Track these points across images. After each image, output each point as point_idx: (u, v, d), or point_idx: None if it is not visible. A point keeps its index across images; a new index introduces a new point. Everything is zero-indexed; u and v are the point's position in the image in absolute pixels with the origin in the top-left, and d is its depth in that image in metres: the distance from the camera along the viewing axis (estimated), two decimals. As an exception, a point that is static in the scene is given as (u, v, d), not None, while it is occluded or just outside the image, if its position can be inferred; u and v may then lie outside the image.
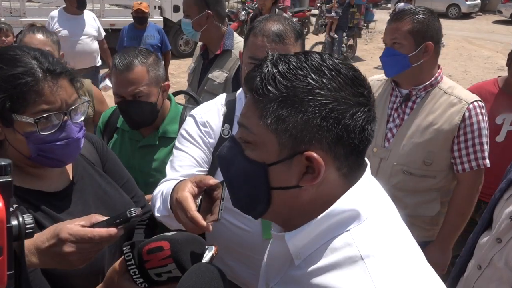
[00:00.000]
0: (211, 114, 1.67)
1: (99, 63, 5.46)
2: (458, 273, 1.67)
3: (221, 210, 1.12)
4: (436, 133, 2.04)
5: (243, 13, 10.61)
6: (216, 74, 2.85)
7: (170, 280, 1.02)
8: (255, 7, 6.25)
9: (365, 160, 0.88)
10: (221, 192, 1.13)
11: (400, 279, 0.76)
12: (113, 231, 1.02)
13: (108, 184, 1.45)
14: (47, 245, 1.02)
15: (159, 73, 1.95)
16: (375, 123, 0.83)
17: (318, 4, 13.31)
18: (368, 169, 0.88)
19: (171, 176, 1.53)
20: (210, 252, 1.02)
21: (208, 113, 1.67)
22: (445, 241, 2.17)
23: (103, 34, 5.57)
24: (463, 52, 13.53)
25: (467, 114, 2.01)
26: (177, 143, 1.66)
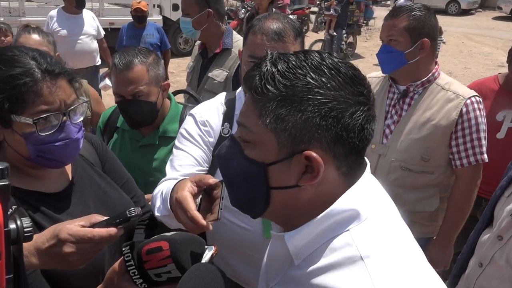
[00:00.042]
0: (211, 113, 1.66)
1: (98, 62, 5.46)
2: (459, 270, 1.67)
3: (221, 209, 1.12)
4: (433, 128, 2.05)
5: (242, 11, 10.60)
6: (216, 73, 2.84)
7: (170, 281, 1.01)
8: (252, 5, 6.23)
9: (365, 159, 0.88)
10: (221, 191, 1.13)
11: (400, 279, 0.76)
12: (113, 231, 1.02)
13: (108, 184, 1.44)
14: (47, 245, 1.02)
15: (159, 72, 1.94)
16: (374, 122, 0.83)
17: (318, 2, 13.30)
18: (368, 168, 0.87)
19: (171, 175, 1.53)
20: (209, 252, 1.02)
21: (208, 112, 1.67)
22: (446, 237, 2.17)
23: (103, 33, 5.56)
24: (463, 49, 13.51)
25: (464, 109, 2.02)
26: (176, 142, 1.65)
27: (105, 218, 1.05)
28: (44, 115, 1.16)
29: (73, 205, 1.31)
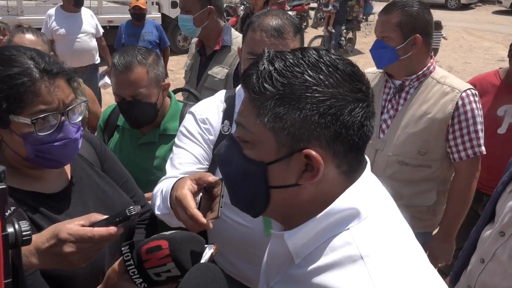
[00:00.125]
0: (211, 110, 1.66)
1: (97, 60, 5.45)
2: (461, 267, 1.67)
3: (221, 207, 1.11)
4: (430, 122, 2.05)
5: (241, 8, 10.56)
6: (216, 70, 2.83)
7: (170, 280, 1.01)
8: (247, 5, 6.21)
9: (365, 157, 0.87)
10: (221, 189, 1.12)
11: (400, 278, 0.76)
12: (113, 229, 1.01)
13: (107, 184, 1.44)
14: (47, 245, 1.01)
15: (159, 72, 1.93)
16: (374, 119, 0.82)
17: (317, -2, 13.28)
18: (368, 167, 0.87)
19: (171, 173, 1.52)
20: (209, 250, 1.02)
21: (208, 110, 1.66)
22: (447, 231, 2.18)
23: (101, 31, 5.55)
24: (463, 44, 13.49)
25: (460, 102, 2.02)
26: (176, 140, 1.65)
27: (105, 217, 1.05)
28: (42, 115, 1.15)
29: (72, 206, 1.30)
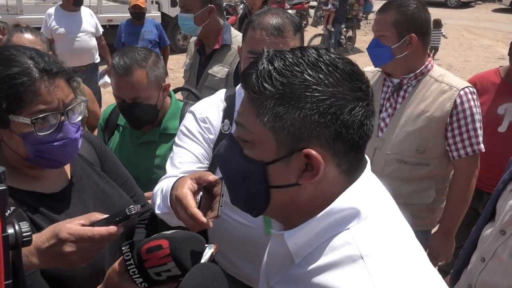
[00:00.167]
0: (211, 110, 1.65)
1: (97, 60, 5.44)
2: (461, 265, 1.66)
3: (220, 206, 1.11)
4: (428, 120, 2.05)
5: (241, 6, 10.55)
6: (216, 69, 2.82)
7: (170, 279, 1.01)
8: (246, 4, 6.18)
9: (365, 156, 0.87)
10: (221, 188, 1.12)
11: (400, 278, 0.76)
12: (113, 229, 1.01)
13: (107, 183, 1.44)
14: (47, 245, 1.01)
15: (159, 74, 1.92)
16: (374, 118, 0.82)
17: (316, -4, 13.26)
18: (368, 166, 0.86)
19: (171, 173, 1.52)
20: (209, 250, 1.02)
21: (208, 109, 1.66)
22: (447, 229, 2.18)
23: (101, 31, 5.54)
24: (463, 42, 13.48)
25: (458, 100, 2.02)
26: (177, 139, 1.65)
27: (105, 216, 1.05)
28: (42, 115, 1.15)
29: (72, 205, 1.30)
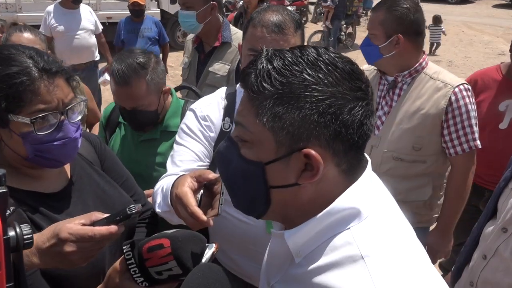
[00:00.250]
0: (211, 107, 1.65)
1: (97, 57, 5.43)
2: (463, 262, 1.66)
3: (221, 204, 1.11)
4: (423, 118, 2.06)
5: (240, 3, 10.52)
6: (217, 67, 2.81)
7: (171, 278, 1.01)
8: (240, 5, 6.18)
9: (366, 156, 0.87)
10: (221, 186, 1.12)
11: (401, 279, 0.76)
12: (114, 228, 1.01)
13: (107, 183, 1.43)
14: (48, 245, 1.01)
15: (158, 80, 1.91)
16: (373, 117, 0.82)
17: (316, -8, 13.21)
18: (369, 166, 0.86)
19: (172, 171, 1.52)
20: (210, 249, 1.02)
21: (208, 107, 1.66)
22: (444, 226, 2.19)
23: (100, 28, 5.53)
24: (463, 38, 13.44)
25: (453, 98, 2.02)
26: (177, 137, 1.65)
27: (105, 215, 1.05)
28: (41, 115, 1.15)
29: (72, 205, 1.30)
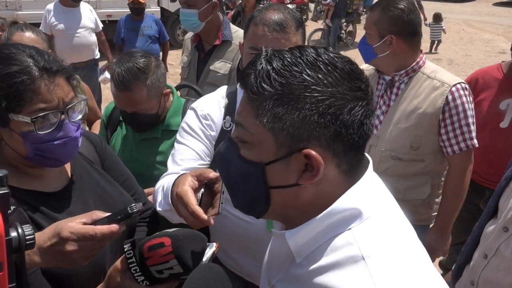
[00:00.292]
0: (212, 106, 1.65)
1: (97, 55, 5.42)
2: (463, 262, 1.66)
3: (221, 203, 1.11)
4: (421, 117, 2.07)
5: (239, 1, 10.49)
6: (218, 65, 2.81)
7: (172, 277, 1.01)
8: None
9: (367, 156, 0.87)
10: (222, 185, 1.12)
11: (401, 279, 0.76)
12: (115, 227, 1.01)
13: (108, 182, 1.44)
14: (49, 244, 1.01)
15: (159, 83, 1.91)
16: (374, 117, 0.82)
17: (316, -10, 13.19)
18: (370, 166, 0.86)
19: (173, 170, 1.52)
20: (211, 248, 1.02)
21: (209, 105, 1.65)
22: (442, 225, 2.20)
23: (101, 26, 5.52)
24: (463, 36, 13.43)
25: (450, 97, 2.03)
26: (178, 136, 1.65)
27: (107, 214, 1.05)
28: (42, 114, 1.15)
29: (73, 204, 1.30)
